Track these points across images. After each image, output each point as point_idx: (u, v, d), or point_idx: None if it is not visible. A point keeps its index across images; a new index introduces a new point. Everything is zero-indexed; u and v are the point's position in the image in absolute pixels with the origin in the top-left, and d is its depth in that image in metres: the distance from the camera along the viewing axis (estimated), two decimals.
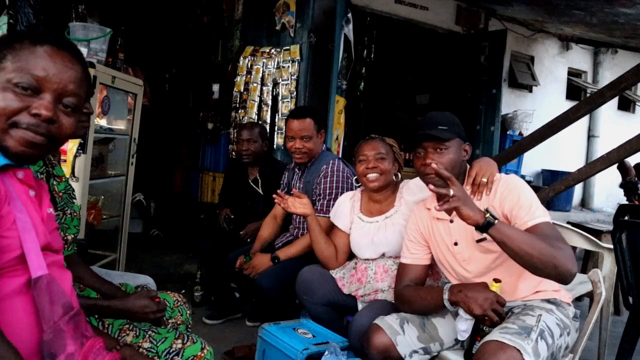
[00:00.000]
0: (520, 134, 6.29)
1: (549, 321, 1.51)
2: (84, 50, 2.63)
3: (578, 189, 7.36)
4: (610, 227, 2.96)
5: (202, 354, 1.40)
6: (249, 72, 4.47)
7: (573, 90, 7.55)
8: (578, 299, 3.16)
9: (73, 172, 2.59)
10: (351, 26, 4.22)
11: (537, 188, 4.36)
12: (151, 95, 4.93)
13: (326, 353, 1.74)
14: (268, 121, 4.32)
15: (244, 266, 2.52)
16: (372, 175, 2.08)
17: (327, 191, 2.47)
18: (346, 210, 2.24)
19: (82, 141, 2.60)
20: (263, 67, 4.38)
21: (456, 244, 1.70)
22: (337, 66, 4.06)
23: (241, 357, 2.35)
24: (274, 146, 4.27)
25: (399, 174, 2.19)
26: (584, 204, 7.71)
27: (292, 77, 4.19)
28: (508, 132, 6.31)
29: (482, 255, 1.66)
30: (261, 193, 3.06)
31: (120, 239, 3.18)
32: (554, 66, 7.24)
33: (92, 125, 2.66)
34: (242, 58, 4.54)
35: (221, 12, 5.30)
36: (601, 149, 7.04)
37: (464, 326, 1.54)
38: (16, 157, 0.92)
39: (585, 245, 2.18)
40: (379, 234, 2.11)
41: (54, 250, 0.99)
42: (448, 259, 1.75)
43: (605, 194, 7.74)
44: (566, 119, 4.27)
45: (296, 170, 2.74)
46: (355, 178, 2.31)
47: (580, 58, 7.62)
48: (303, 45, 4.19)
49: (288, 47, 4.26)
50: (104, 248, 3.13)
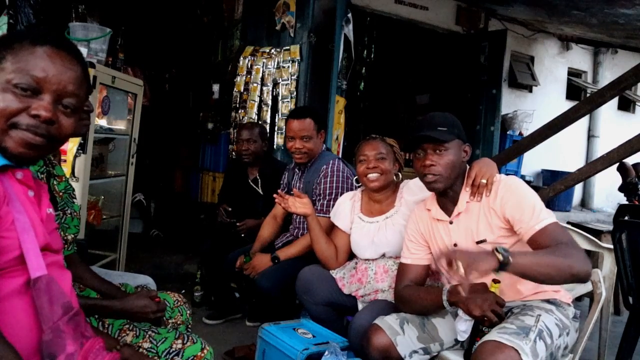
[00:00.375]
0: (520, 134, 6.28)
1: (548, 321, 1.51)
2: (84, 50, 2.63)
3: (578, 189, 7.35)
4: (610, 227, 2.96)
5: (202, 354, 1.40)
6: (249, 72, 4.47)
7: (573, 90, 7.54)
8: (578, 299, 3.16)
9: (73, 172, 2.59)
10: (351, 26, 4.22)
11: (537, 188, 4.35)
12: (151, 95, 4.94)
13: (326, 353, 1.74)
14: (268, 121, 4.32)
15: (244, 266, 2.52)
16: (373, 175, 2.08)
17: (327, 191, 2.47)
18: (346, 210, 2.24)
19: (82, 141, 2.60)
20: (263, 67, 4.38)
21: (456, 245, 1.71)
22: (337, 66, 4.05)
23: (241, 357, 2.35)
24: (274, 146, 4.27)
25: (400, 174, 2.19)
26: (584, 204, 7.70)
27: (292, 77, 4.18)
28: (508, 132, 6.30)
29: None
30: (261, 193, 3.06)
31: (120, 239, 3.18)
32: (554, 66, 7.23)
33: (92, 125, 2.66)
34: (242, 58, 4.54)
35: (221, 12, 5.30)
36: (601, 149, 7.03)
37: (464, 327, 1.54)
38: (15, 158, 0.91)
39: (585, 245, 2.18)
40: (379, 234, 2.11)
41: (54, 250, 0.98)
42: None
43: (605, 194, 7.73)
44: (566, 119, 4.27)
45: (296, 170, 2.74)
46: (355, 178, 2.31)
47: (580, 58, 7.61)
48: (303, 45, 4.19)
49: (288, 47, 4.26)
50: (104, 248, 3.14)
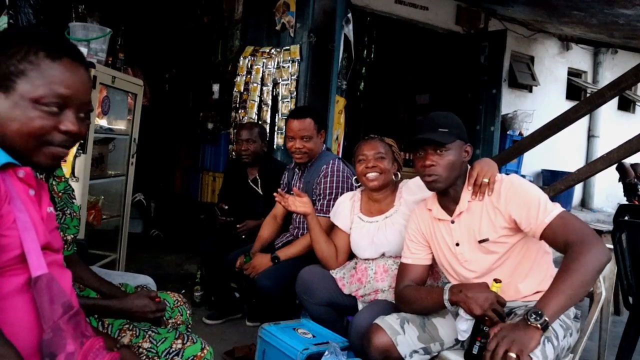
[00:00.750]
0: (520, 134, 6.29)
1: (554, 323, 1.50)
2: (84, 50, 2.63)
3: (578, 189, 7.36)
4: (610, 227, 2.95)
5: (202, 354, 1.40)
6: (249, 72, 4.47)
7: (573, 90, 7.55)
8: None
9: (73, 172, 2.59)
10: (351, 26, 4.22)
11: None
12: (151, 95, 4.94)
13: (326, 353, 1.74)
14: (268, 121, 4.32)
15: (244, 266, 2.52)
16: (372, 174, 2.08)
17: (327, 191, 2.47)
18: (346, 210, 2.24)
19: (82, 141, 2.60)
20: (263, 67, 4.37)
21: (458, 245, 1.71)
22: (337, 66, 4.05)
23: (241, 357, 2.35)
24: (274, 146, 4.27)
25: (399, 174, 2.19)
26: (584, 204, 7.71)
27: (292, 77, 4.18)
28: (508, 132, 6.30)
29: (484, 255, 1.66)
30: (261, 193, 3.06)
31: (120, 239, 3.18)
32: (554, 66, 7.24)
33: (92, 125, 2.66)
34: (242, 58, 4.54)
35: (221, 12, 5.30)
36: (601, 149, 7.03)
37: (464, 326, 1.54)
38: (45, 169, 0.98)
39: None
40: (379, 234, 2.11)
41: (54, 249, 0.99)
42: (449, 260, 1.75)
43: (605, 194, 7.74)
44: (566, 119, 4.27)
45: (296, 170, 2.74)
46: (355, 178, 2.31)
47: (580, 58, 7.62)
48: (303, 45, 4.19)
49: (288, 47, 4.26)
50: (104, 248, 3.13)
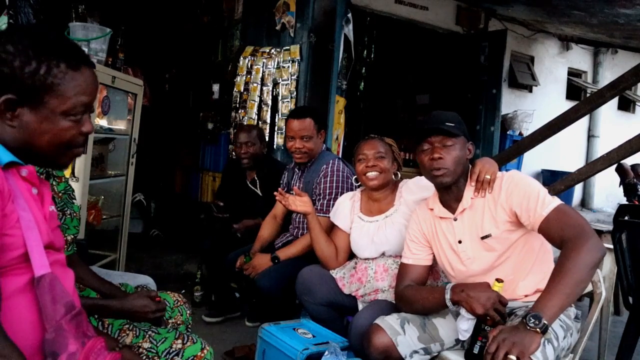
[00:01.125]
0: (520, 134, 6.28)
1: (554, 324, 1.50)
2: (84, 50, 2.63)
3: (578, 189, 7.36)
4: (610, 227, 2.95)
5: (202, 354, 1.40)
6: (249, 72, 4.47)
7: (573, 90, 7.55)
8: (578, 299, 3.15)
9: (73, 172, 2.59)
10: (351, 26, 4.22)
11: None
12: (151, 95, 4.93)
13: (326, 353, 1.74)
14: (268, 121, 4.33)
15: (244, 266, 2.52)
16: (372, 174, 2.09)
17: (327, 191, 2.47)
18: (346, 210, 2.25)
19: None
20: (263, 67, 4.37)
21: (460, 242, 1.71)
22: (337, 66, 4.05)
23: (241, 357, 2.35)
24: (274, 146, 4.27)
25: (399, 174, 2.19)
26: (584, 204, 7.71)
27: (292, 77, 4.18)
28: (508, 132, 6.30)
29: (486, 253, 1.66)
30: (260, 194, 3.06)
31: (120, 239, 3.18)
32: (554, 66, 7.24)
33: (92, 125, 2.66)
34: (242, 58, 4.54)
35: (221, 12, 5.30)
36: (601, 149, 7.04)
37: (466, 326, 1.54)
38: (62, 168, 1.06)
39: None
40: (379, 233, 2.11)
41: (56, 248, 0.99)
42: (451, 259, 1.75)
43: (605, 194, 7.74)
44: (566, 119, 4.27)
45: (296, 170, 2.74)
46: (355, 178, 2.31)
47: (580, 58, 7.62)
48: (303, 45, 4.19)
49: (288, 47, 4.26)
50: (104, 248, 3.13)
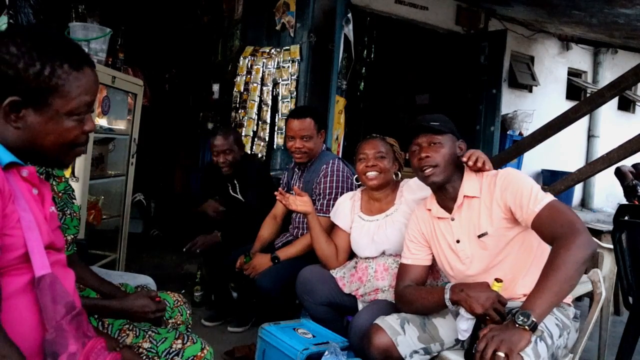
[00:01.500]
0: (520, 134, 6.28)
1: (548, 322, 1.51)
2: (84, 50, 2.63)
3: (578, 189, 7.36)
4: (610, 227, 2.95)
5: (202, 354, 1.41)
6: (249, 72, 4.47)
7: (573, 90, 7.54)
8: (578, 299, 3.15)
9: (73, 172, 2.58)
10: (351, 26, 4.22)
11: None
12: (151, 95, 4.93)
13: (326, 353, 1.74)
14: (268, 121, 4.33)
15: (244, 266, 2.52)
16: (372, 173, 2.09)
17: (327, 191, 2.47)
18: (346, 209, 2.25)
19: None
20: (263, 67, 4.38)
21: (458, 242, 1.71)
22: (337, 66, 4.06)
23: (241, 357, 2.35)
24: (274, 146, 4.27)
25: (399, 174, 2.19)
26: (584, 204, 7.70)
27: (292, 77, 4.19)
28: (508, 132, 6.30)
29: (484, 252, 1.67)
30: (242, 200, 2.97)
31: (120, 239, 3.18)
32: (554, 66, 7.23)
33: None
34: (242, 58, 4.54)
35: (221, 12, 5.30)
36: (601, 149, 7.03)
37: (465, 325, 1.54)
38: (65, 167, 1.08)
39: None
40: (379, 232, 2.11)
41: (57, 248, 0.99)
42: (449, 258, 1.75)
43: (605, 194, 7.73)
44: (566, 119, 4.26)
45: (296, 170, 2.74)
46: (355, 177, 2.31)
47: (580, 58, 7.61)
48: (303, 45, 4.19)
49: (288, 47, 4.26)
50: (104, 248, 3.13)
